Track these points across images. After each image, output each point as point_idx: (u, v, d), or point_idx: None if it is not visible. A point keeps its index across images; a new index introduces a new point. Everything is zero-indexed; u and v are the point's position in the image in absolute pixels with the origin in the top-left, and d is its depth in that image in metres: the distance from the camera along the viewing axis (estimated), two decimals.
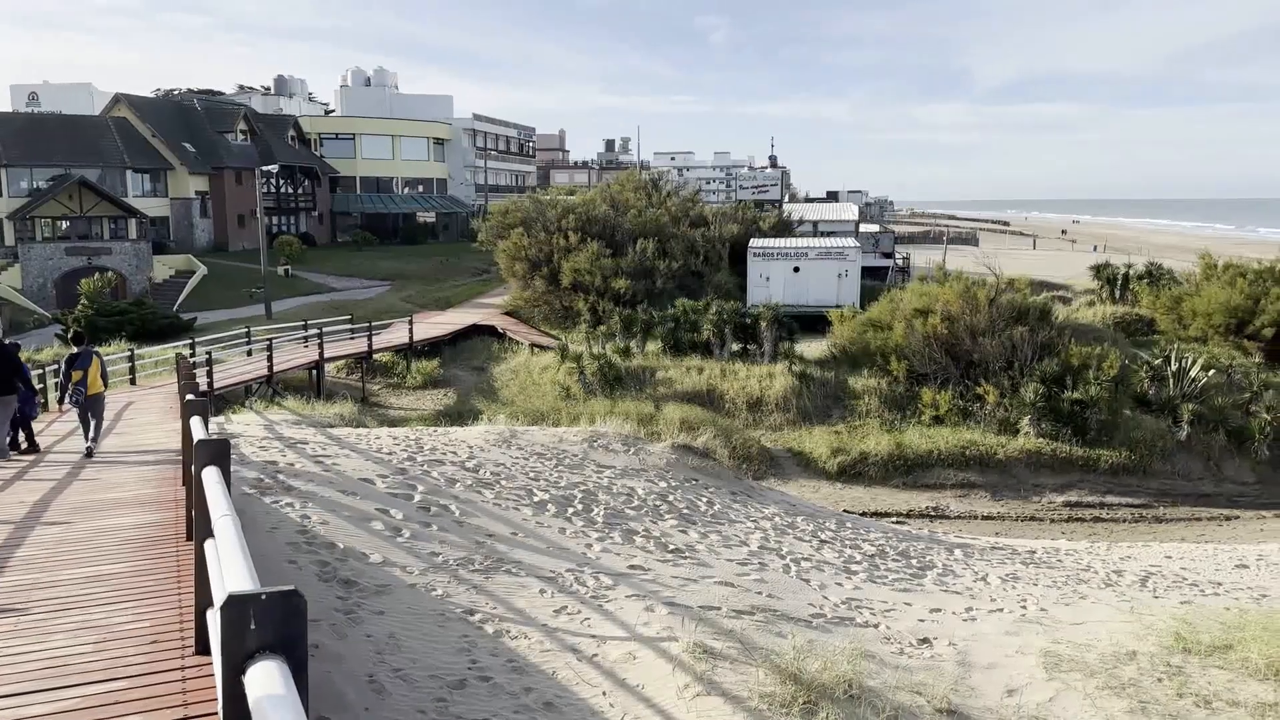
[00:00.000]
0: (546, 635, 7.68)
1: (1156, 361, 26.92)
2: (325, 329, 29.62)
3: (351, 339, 32.55)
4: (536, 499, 12.02)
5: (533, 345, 33.30)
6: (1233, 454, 24.05)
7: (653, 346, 31.09)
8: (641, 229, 41.63)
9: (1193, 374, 25.75)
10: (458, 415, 25.46)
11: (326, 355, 28.52)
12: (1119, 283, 39.51)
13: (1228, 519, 21.50)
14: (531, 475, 13.16)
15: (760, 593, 9.48)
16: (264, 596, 2.51)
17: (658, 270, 38.71)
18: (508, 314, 40.48)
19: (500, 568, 9.27)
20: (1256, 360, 29.96)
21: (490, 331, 36.33)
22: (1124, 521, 21.19)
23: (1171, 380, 25.79)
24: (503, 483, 12.51)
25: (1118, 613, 9.94)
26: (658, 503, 12.95)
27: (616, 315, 33.03)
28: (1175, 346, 28.87)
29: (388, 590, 8.22)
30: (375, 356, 31.33)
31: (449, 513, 10.83)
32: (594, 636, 7.71)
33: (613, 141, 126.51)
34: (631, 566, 9.89)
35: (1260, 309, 31.63)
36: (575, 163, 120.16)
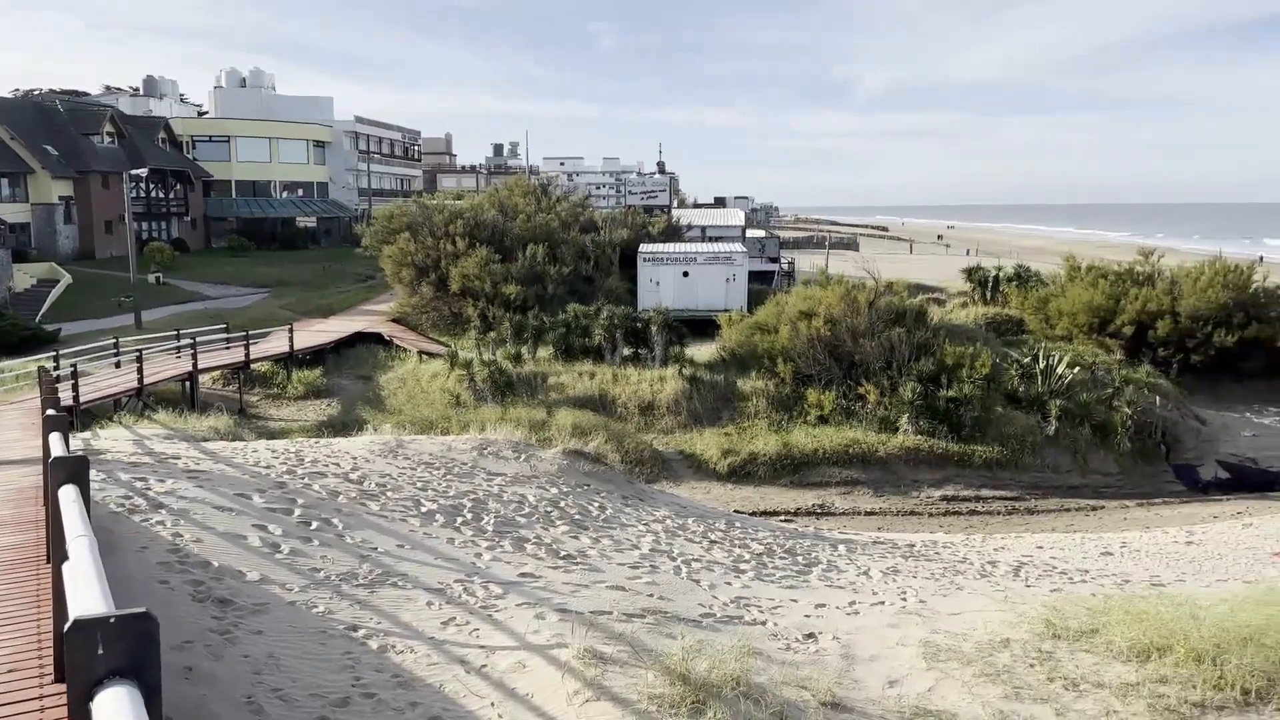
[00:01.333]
0: (434, 648, 7.54)
1: (1026, 360, 28.20)
2: (199, 338, 28.42)
3: (228, 348, 31.31)
4: (424, 509, 11.80)
5: (421, 352, 32.71)
6: (1097, 447, 25.38)
7: (544, 352, 30.95)
8: (531, 234, 41.42)
9: (1059, 371, 27.08)
10: (342, 426, 24.78)
11: (201, 366, 27.35)
12: (990, 285, 41.29)
13: (1094, 509, 22.66)
14: (419, 485, 12.92)
15: (651, 595, 9.52)
16: (112, 620, 2.37)
17: (548, 275, 38.57)
18: (394, 321, 39.64)
19: (386, 581, 9.05)
20: (1118, 357, 31.69)
21: (376, 339, 35.52)
22: (998, 514, 22.11)
23: (1040, 378, 27.06)
24: (389, 494, 12.23)
25: (992, 602, 10.36)
26: (549, 509, 12.88)
27: (507, 321, 32.77)
28: (1043, 345, 30.30)
29: (266, 609, 7.93)
30: (253, 366, 30.23)
31: (331, 526, 10.53)
32: (483, 647, 7.60)
33: (501, 146, 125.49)
34: (522, 574, 9.80)
35: (1120, 308, 33.53)
36: (463, 167, 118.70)
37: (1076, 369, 27.51)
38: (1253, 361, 32.38)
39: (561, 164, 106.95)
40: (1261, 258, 56.85)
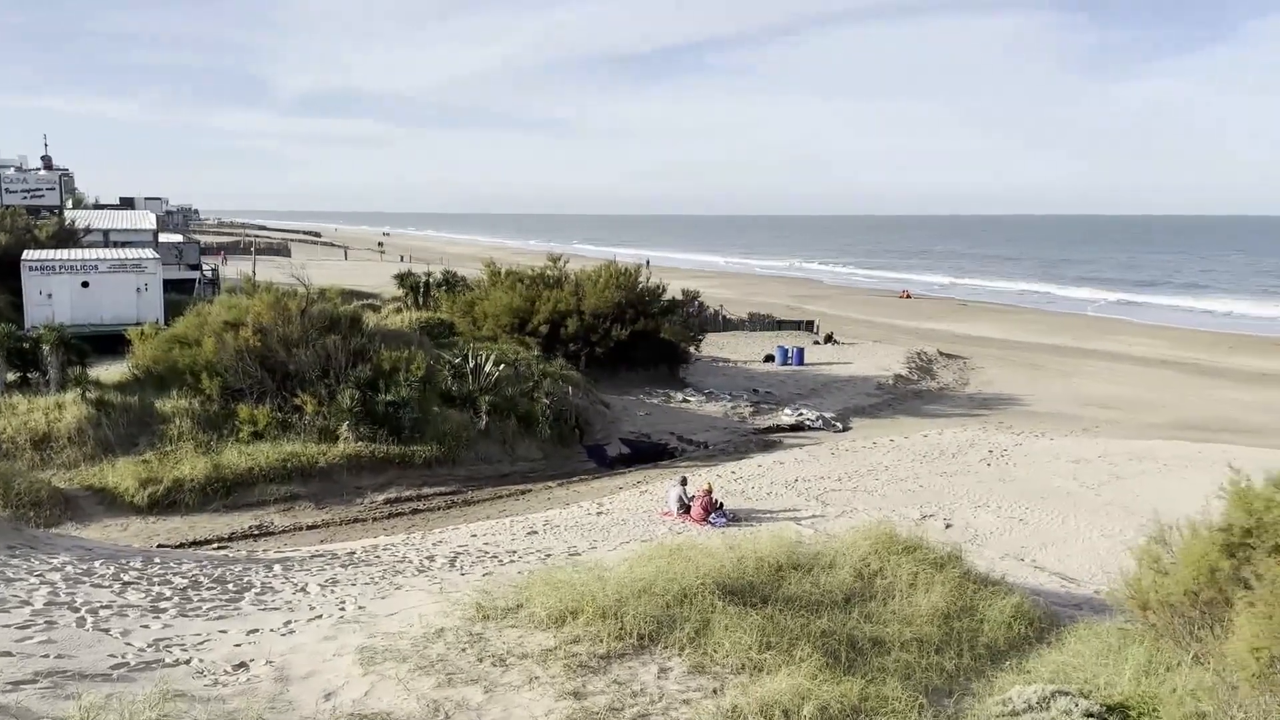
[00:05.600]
0: None
1: (457, 361, 29.66)
2: None
3: None
4: None
5: None
6: (523, 436, 27.64)
7: None
8: None
9: (487, 370, 28.95)
10: None
11: None
12: (422, 290, 42.80)
13: (522, 493, 24.61)
14: None
15: (47, 655, 8.25)
16: None
17: None
18: None
19: None
20: (536, 353, 34.78)
21: None
22: (438, 509, 22.96)
23: (471, 377, 28.68)
24: None
25: (429, 595, 10.75)
26: None
27: None
28: (471, 346, 32.13)
29: None
30: None
31: None
32: None
33: None
34: None
35: (536, 309, 36.98)
36: None
37: (502, 366, 29.63)
38: (642, 351, 37.89)
39: None
40: (648, 260, 66.86)
